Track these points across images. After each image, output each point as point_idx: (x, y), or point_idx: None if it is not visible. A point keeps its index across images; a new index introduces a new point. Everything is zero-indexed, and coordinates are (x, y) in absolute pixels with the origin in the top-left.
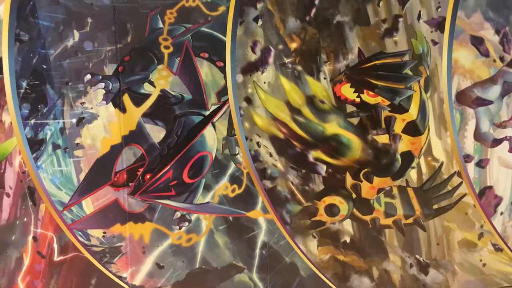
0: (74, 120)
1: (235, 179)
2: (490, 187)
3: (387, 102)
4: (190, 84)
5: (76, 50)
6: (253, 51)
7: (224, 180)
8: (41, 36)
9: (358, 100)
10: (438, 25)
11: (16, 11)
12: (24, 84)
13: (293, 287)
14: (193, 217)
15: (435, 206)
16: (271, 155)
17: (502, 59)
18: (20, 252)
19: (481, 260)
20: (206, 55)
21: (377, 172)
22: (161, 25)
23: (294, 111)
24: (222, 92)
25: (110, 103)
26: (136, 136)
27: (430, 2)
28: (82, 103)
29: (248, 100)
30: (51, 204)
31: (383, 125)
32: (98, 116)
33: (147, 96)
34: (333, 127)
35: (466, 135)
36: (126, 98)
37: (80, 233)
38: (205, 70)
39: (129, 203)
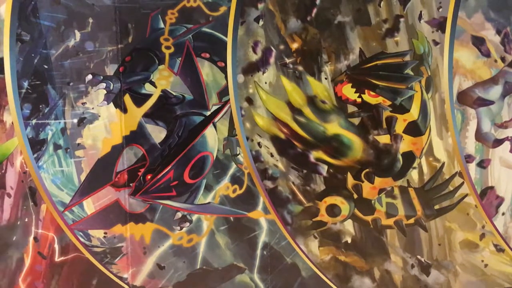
0: (75, 120)
1: (236, 180)
2: (492, 188)
3: (388, 102)
4: (191, 84)
5: (77, 50)
6: (254, 51)
7: (225, 181)
8: (43, 36)
9: (359, 100)
10: (439, 25)
11: (18, 11)
12: (26, 84)
13: (294, 287)
14: (194, 217)
15: (436, 207)
16: (272, 155)
17: (503, 59)
18: (21, 252)
19: (482, 261)
20: (207, 55)
21: (378, 172)
22: (162, 25)
23: (295, 111)
24: (223, 92)
25: (111, 103)
26: (137, 137)
27: (431, 2)
28: (83, 103)
29: (249, 100)
30: (52, 204)
31: (384, 125)
32: (99, 116)
33: (148, 96)
34: (334, 127)
35: (467, 135)
36: (127, 99)
37: (81, 233)
38: (206, 70)
39: (130, 204)
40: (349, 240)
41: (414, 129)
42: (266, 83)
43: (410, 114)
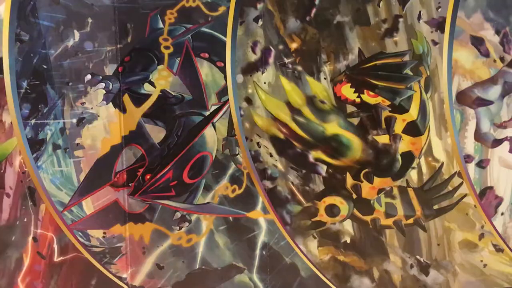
0: (74, 120)
1: (235, 180)
2: (491, 188)
3: (388, 102)
4: (190, 84)
5: (77, 50)
6: (253, 51)
7: (224, 181)
8: (42, 36)
9: (358, 100)
10: (438, 25)
11: (17, 11)
12: (25, 84)
13: (293, 287)
14: (193, 217)
15: (435, 207)
16: (271, 156)
17: (502, 59)
18: (20, 252)
19: (481, 261)
20: (206, 55)
21: (378, 172)
22: (161, 25)
23: (294, 111)
24: (222, 92)
25: (110, 103)
26: (136, 137)
27: (430, 2)
28: (82, 103)
29: (248, 101)
30: (51, 204)
31: (384, 125)
32: (98, 116)
33: (147, 96)
34: (333, 127)
35: (466, 135)
36: (126, 99)
37: (80, 233)
38: (205, 70)
39: (129, 204)
40: (348, 240)
41: (413, 129)
42: (265, 83)
43: (409, 114)
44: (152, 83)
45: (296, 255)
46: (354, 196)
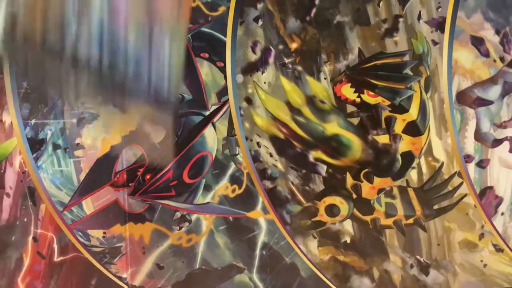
0: (75, 120)
1: (235, 180)
2: (491, 188)
3: (388, 102)
4: (190, 84)
5: None
6: (253, 51)
7: (224, 181)
8: None
9: (358, 100)
10: (438, 25)
11: None
12: (25, 84)
13: (293, 287)
14: (193, 217)
15: (435, 207)
16: (271, 155)
17: (502, 59)
18: (20, 252)
19: (482, 261)
20: (206, 55)
21: (378, 172)
22: None
23: (294, 111)
24: (222, 92)
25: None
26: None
27: (430, 2)
28: (83, 103)
29: (248, 100)
30: (51, 204)
31: (384, 125)
32: (98, 116)
33: None
34: (333, 127)
35: (466, 135)
36: None
37: (80, 233)
38: (205, 70)
39: (129, 204)
40: (348, 240)
41: (413, 129)
42: (265, 83)
43: (409, 114)
44: None
45: (296, 255)
46: (354, 196)
